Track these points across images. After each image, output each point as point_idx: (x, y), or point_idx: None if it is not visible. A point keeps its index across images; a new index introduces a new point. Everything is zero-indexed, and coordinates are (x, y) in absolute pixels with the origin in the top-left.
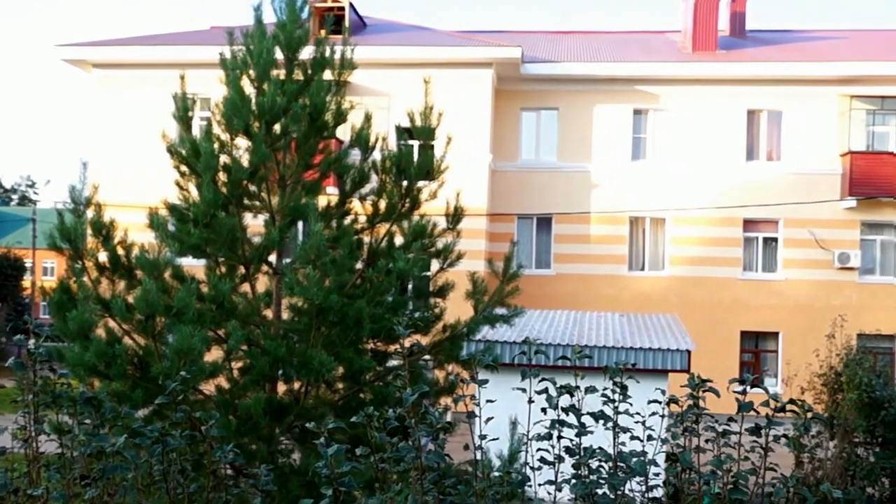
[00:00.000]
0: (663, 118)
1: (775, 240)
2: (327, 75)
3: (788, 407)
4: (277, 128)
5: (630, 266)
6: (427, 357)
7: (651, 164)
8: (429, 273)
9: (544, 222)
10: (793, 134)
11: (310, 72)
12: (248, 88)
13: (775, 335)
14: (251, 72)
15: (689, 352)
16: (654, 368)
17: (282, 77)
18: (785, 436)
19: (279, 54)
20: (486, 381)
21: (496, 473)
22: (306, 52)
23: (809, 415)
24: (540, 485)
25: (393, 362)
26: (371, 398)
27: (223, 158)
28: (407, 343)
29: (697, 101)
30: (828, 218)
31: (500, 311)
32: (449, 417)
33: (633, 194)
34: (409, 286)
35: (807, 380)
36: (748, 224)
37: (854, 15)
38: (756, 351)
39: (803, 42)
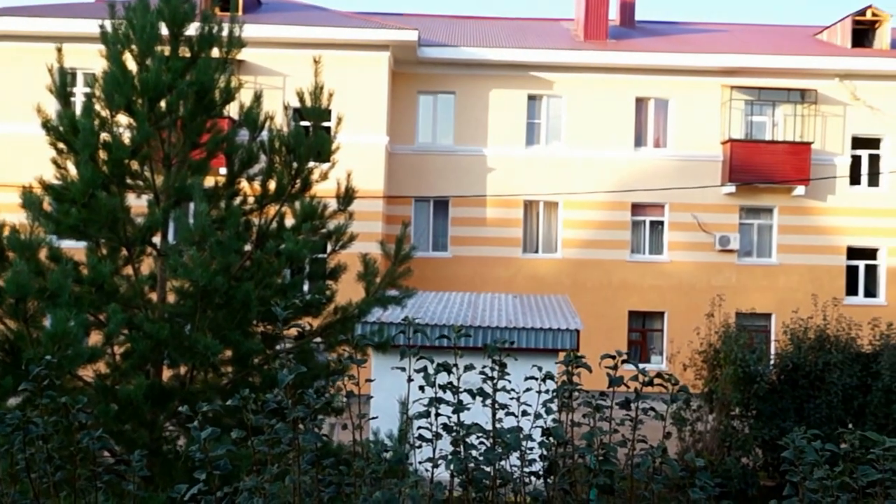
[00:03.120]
0: (557, 104)
1: (661, 223)
2: (216, 53)
3: (657, 381)
4: (162, 105)
5: (524, 249)
6: (318, 339)
7: (545, 149)
8: (321, 255)
9: (441, 205)
10: (678, 122)
11: (196, 49)
12: (132, 64)
13: (661, 314)
14: (134, 47)
15: (577, 331)
16: (544, 348)
17: (167, 53)
18: (653, 409)
19: (164, 30)
20: (364, 361)
21: (386, 454)
22: (194, 29)
23: (676, 388)
24: (420, 462)
25: (284, 345)
26: (260, 382)
27: (104, 136)
28: (295, 326)
29: (589, 88)
30: (710, 203)
31: (392, 292)
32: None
33: (527, 178)
34: (302, 268)
35: (688, 357)
36: (636, 208)
37: (735, 9)
38: (643, 330)
39: (688, 34)
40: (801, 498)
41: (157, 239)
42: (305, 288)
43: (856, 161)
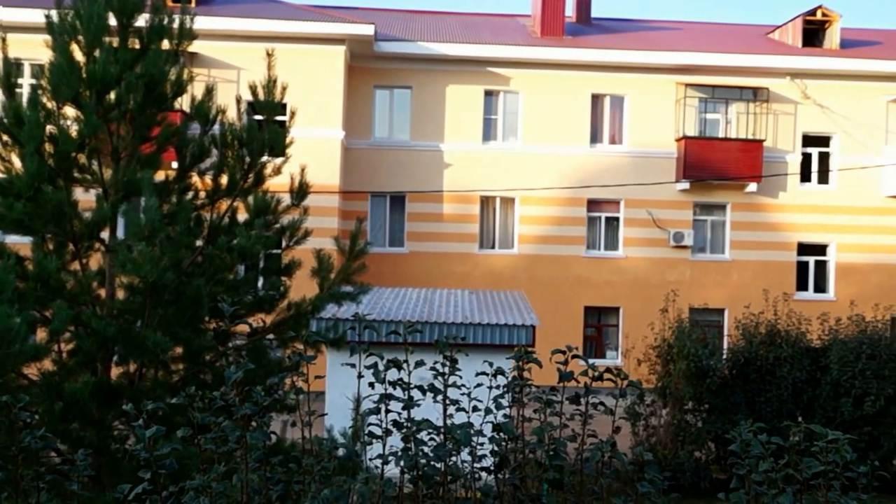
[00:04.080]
0: (513, 100)
1: (617, 219)
2: (167, 45)
3: (606, 376)
4: (111, 97)
5: (481, 244)
6: (271, 336)
7: (501, 144)
8: (275, 251)
9: (398, 200)
10: (634, 119)
11: (146, 40)
12: (80, 55)
13: (616, 310)
14: (81, 37)
15: (533, 327)
16: (500, 343)
17: (115, 44)
18: (602, 403)
19: (113, 20)
20: (313, 359)
21: (341, 451)
22: (144, 20)
23: (625, 383)
24: (371, 459)
25: (237, 342)
26: (212, 379)
27: (50, 128)
28: (244, 322)
29: (545, 84)
30: (664, 199)
31: (346, 288)
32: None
33: (484, 174)
34: (255, 264)
35: (643, 352)
36: (592, 204)
37: (690, 8)
38: (599, 325)
39: (644, 31)
40: (748, 490)
41: (105, 234)
42: (260, 284)
43: (806, 159)
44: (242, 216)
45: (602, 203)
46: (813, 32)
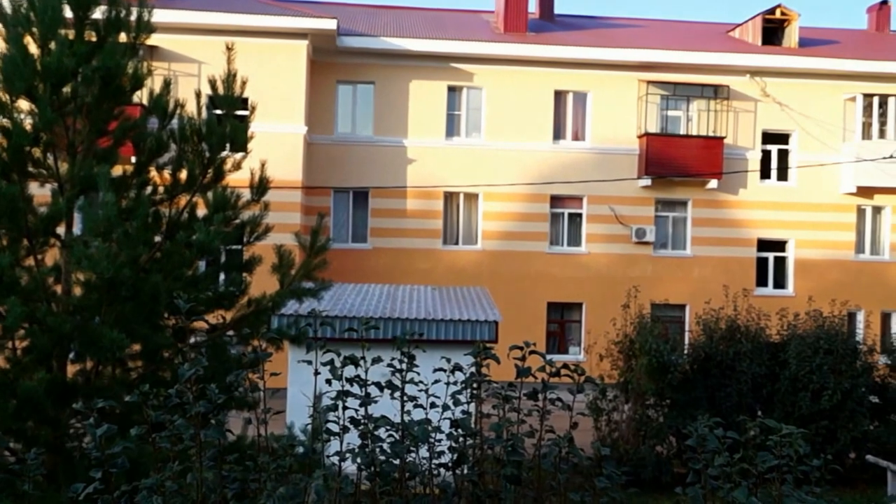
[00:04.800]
0: (476, 96)
1: (580, 215)
2: (125, 38)
3: (563, 371)
4: (66, 91)
5: (444, 240)
6: (231, 332)
7: (465, 140)
8: (236, 247)
9: (361, 196)
10: (596, 115)
11: (103, 33)
12: (34, 48)
13: (579, 306)
14: (35, 29)
15: (496, 323)
16: (463, 339)
17: (71, 37)
18: (559, 399)
19: (68, 12)
20: (268, 356)
21: (300, 449)
22: (100, 12)
23: (582, 378)
24: (328, 456)
25: (196, 339)
26: (171, 377)
27: (3, 121)
28: (199, 319)
29: (508, 80)
30: (627, 195)
31: (307, 284)
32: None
33: (447, 170)
34: (217, 260)
35: (605, 347)
36: (555, 200)
37: (652, 5)
38: (561, 321)
39: (606, 28)
40: (704, 485)
41: (61, 229)
42: (221, 280)
43: (766, 156)
44: (203, 212)
45: (565, 199)
46: (772, 31)
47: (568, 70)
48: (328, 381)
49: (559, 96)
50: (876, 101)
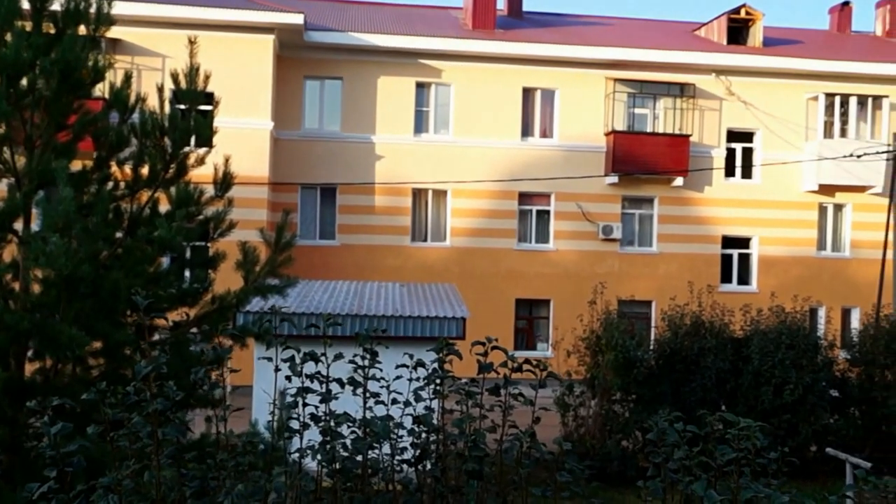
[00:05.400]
0: (445, 92)
1: (548, 212)
2: (85, 31)
3: (525, 367)
4: (24, 83)
5: (413, 237)
6: (195, 330)
7: (433, 136)
8: (200, 243)
9: (329, 192)
10: (564, 112)
11: (62, 25)
12: None
13: (547, 302)
14: None
15: (464, 319)
16: (430, 336)
17: (29, 28)
18: (521, 394)
19: (25, 3)
20: (228, 352)
21: (261, 446)
22: (59, 4)
23: (544, 374)
24: (289, 453)
25: (160, 336)
26: (132, 374)
27: None
28: (159, 316)
29: (477, 77)
30: (594, 192)
31: (272, 281)
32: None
33: (416, 166)
34: (180, 256)
35: (572, 343)
36: (523, 197)
37: (619, 3)
38: (530, 317)
39: (574, 26)
40: (664, 478)
41: (19, 225)
42: (187, 276)
43: (731, 154)
44: (165, 208)
45: (533, 196)
46: (737, 30)
47: (536, 67)
48: (288, 378)
49: (527, 93)
50: (837, 100)
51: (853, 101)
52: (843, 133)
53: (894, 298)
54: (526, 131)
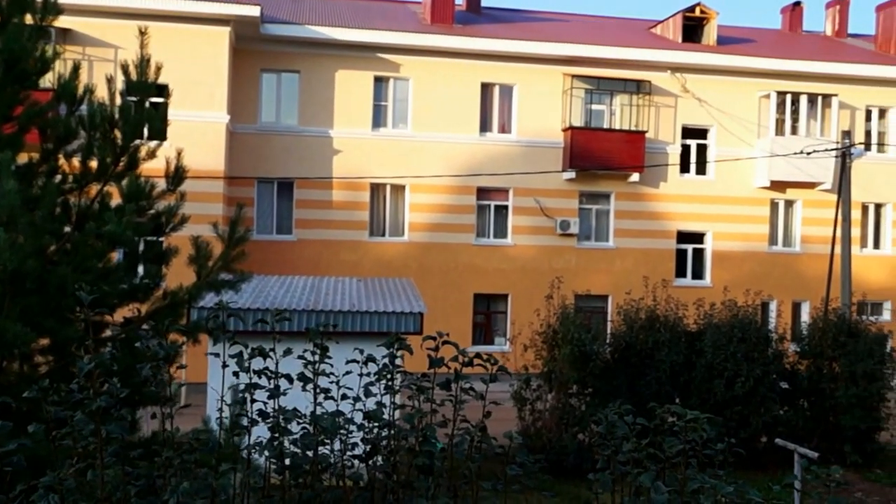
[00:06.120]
0: (403, 87)
1: (506, 208)
2: (31, 20)
3: (476, 361)
4: None
5: (371, 232)
6: (145, 326)
7: (391, 131)
8: (151, 238)
9: (285, 187)
10: (523, 108)
11: (6, 13)
12: None
13: (505, 297)
14: None
15: (421, 314)
16: (388, 331)
17: None
18: (472, 388)
19: None
20: (175, 348)
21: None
22: None
23: (494, 368)
24: (240, 449)
25: (110, 332)
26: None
27: None
28: (102, 312)
29: (435, 72)
30: (552, 188)
31: (226, 276)
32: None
33: (374, 161)
34: (133, 251)
35: (529, 338)
36: (482, 192)
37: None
38: (488, 312)
39: (532, 22)
40: (613, 471)
41: None
42: (141, 272)
43: (685, 150)
44: (117, 202)
45: (491, 191)
46: (692, 28)
47: (494, 63)
48: (236, 375)
49: (486, 89)
50: (789, 98)
51: (804, 100)
52: (794, 130)
53: (842, 293)
54: (484, 126)
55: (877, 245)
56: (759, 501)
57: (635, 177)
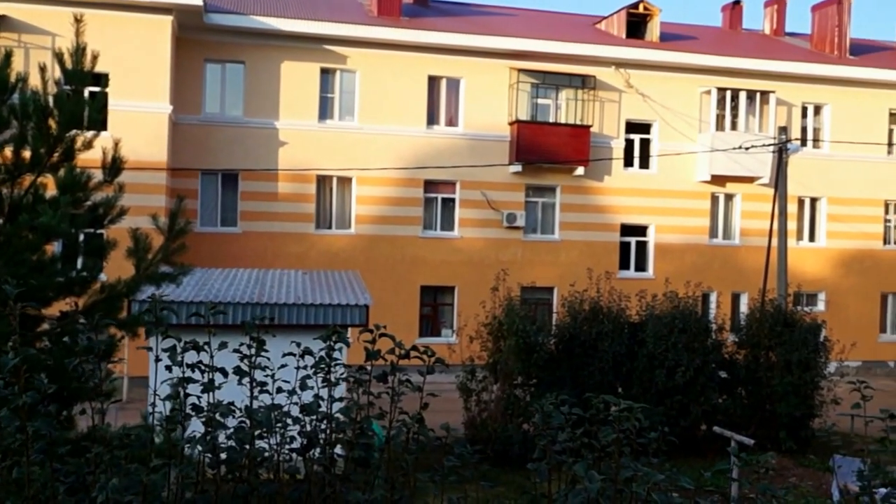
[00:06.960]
0: (350, 79)
1: (453, 200)
2: None
3: (413, 353)
4: None
5: (318, 224)
6: (83, 320)
7: (338, 123)
8: (89, 230)
9: (230, 179)
10: (470, 101)
11: None
12: None
13: (452, 289)
14: None
15: (367, 307)
16: (333, 324)
17: None
18: (409, 381)
19: None
20: (103, 343)
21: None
22: None
23: (431, 360)
24: (175, 445)
25: (46, 326)
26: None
27: None
28: (29, 306)
29: (382, 64)
30: (498, 181)
31: (165, 269)
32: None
33: (320, 153)
34: (71, 244)
35: (475, 329)
36: (429, 185)
37: None
38: (434, 304)
39: (480, 16)
40: (549, 460)
41: None
42: (78, 265)
43: (629, 144)
44: (52, 193)
45: (438, 184)
46: (636, 25)
47: (441, 56)
48: (168, 368)
49: (433, 82)
50: (729, 94)
51: (743, 96)
52: (734, 126)
53: (778, 284)
54: (431, 119)
55: (812, 238)
56: (690, 488)
57: (580, 170)
